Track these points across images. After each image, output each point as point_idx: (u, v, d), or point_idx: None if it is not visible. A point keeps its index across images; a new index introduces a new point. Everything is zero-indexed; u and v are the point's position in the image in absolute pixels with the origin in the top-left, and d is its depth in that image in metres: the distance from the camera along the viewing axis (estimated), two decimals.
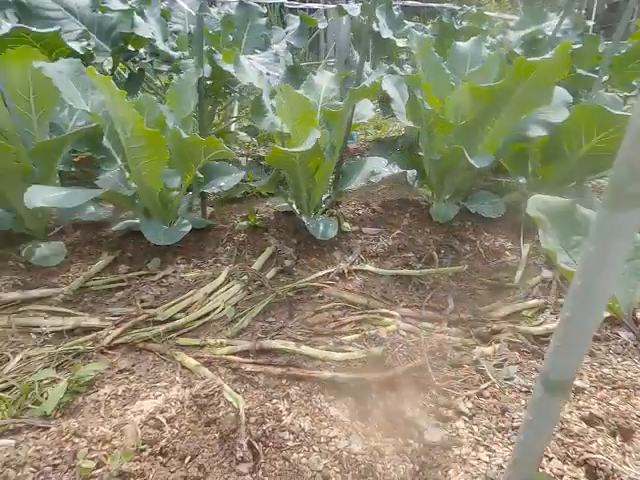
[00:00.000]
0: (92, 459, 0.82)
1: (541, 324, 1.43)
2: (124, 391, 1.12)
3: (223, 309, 1.52)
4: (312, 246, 1.93)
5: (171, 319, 1.46)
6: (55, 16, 2.36)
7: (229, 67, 1.75)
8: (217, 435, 0.96)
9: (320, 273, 1.70)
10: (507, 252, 1.93)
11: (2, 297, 1.49)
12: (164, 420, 0.96)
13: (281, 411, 1.00)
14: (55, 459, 0.82)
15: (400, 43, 2.71)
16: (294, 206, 2.03)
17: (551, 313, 1.49)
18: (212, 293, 1.59)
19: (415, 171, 2.21)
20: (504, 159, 2.12)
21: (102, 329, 1.39)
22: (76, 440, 0.86)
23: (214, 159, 1.65)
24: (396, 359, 1.20)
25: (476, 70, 1.95)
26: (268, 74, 2.03)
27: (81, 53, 2.08)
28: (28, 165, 1.57)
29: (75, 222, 1.97)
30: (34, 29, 2.00)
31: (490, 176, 2.66)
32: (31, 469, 0.81)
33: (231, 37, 2.64)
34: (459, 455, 0.93)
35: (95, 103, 1.65)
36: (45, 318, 1.44)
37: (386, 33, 2.77)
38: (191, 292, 1.57)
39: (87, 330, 1.40)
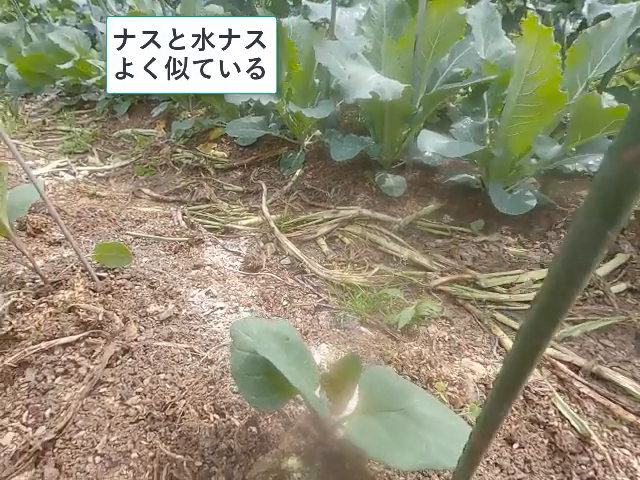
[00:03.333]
0: (443, 394, 0.95)
1: None
2: (448, 339, 1.23)
3: None
4: None
5: (491, 289, 1.45)
6: None
7: None
8: (546, 441, 0.92)
9: None
10: None
11: (361, 211, 1.88)
12: None
13: (636, 470, 0.84)
14: (414, 373, 1.00)
15: None
16: None
17: None
18: (539, 281, 1.46)
19: None
20: None
21: (429, 271, 1.55)
22: (429, 368, 1.01)
23: (609, 135, 1.36)
24: None
25: None
26: None
27: None
28: (413, 107, 1.78)
29: (416, 162, 2.18)
30: None
31: None
32: (395, 367, 1.03)
33: None
34: None
35: (491, 53, 1.62)
36: (387, 241, 1.73)
37: None
38: (518, 271, 1.49)
39: (417, 266, 1.59)
